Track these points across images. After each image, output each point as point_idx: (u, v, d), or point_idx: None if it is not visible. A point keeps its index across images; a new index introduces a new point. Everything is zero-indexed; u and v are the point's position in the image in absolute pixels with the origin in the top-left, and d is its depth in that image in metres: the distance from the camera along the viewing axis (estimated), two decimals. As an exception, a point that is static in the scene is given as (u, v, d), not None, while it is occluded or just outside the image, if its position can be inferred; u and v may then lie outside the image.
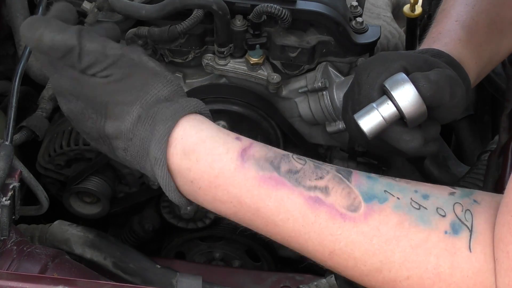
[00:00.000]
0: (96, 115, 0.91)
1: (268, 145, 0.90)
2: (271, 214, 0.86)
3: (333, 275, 1.21)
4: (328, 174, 0.86)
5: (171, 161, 0.89)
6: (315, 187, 0.85)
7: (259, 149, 0.88)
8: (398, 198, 0.84)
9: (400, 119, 0.92)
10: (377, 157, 1.31)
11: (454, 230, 0.81)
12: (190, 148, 0.88)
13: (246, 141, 0.89)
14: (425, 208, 0.83)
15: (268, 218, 0.86)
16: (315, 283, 1.24)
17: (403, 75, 0.92)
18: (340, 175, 0.86)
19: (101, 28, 0.97)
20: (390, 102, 0.91)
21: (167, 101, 0.90)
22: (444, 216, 0.82)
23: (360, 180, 0.86)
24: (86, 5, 1.28)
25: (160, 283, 1.18)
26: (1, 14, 1.40)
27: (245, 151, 0.88)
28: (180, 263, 1.42)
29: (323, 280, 1.23)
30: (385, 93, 0.93)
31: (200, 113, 0.92)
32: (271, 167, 0.86)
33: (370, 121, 0.92)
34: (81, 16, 1.35)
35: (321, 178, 0.85)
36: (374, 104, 0.92)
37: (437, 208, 0.83)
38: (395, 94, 0.90)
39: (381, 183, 0.86)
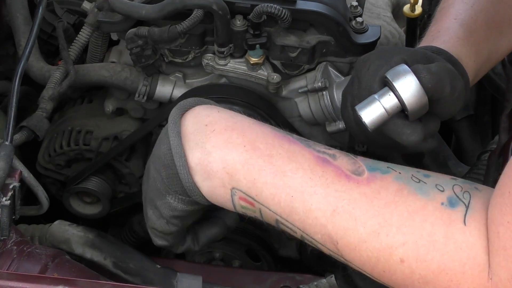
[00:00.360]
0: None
1: None
2: (282, 162, 0.89)
3: (333, 275, 1.21)
4: (335, 149, 0.93)
5: (191, 111, 0.94)
6: (324, 152, 0.91)
7: None
8: (399, 173, 0.88)
9: (401, 111, 0.92)
10: (377, 157, 1.31)
11: (451, 203, 0.84)
12: (213, 106, 0.96)
13: None
14: (425, 182, 0.87)
15: (279, 166, 0.89)
16: (315, 283, 1.24)
17: (405, 67, 0.92)
18: (346, 152, 0.92)
19: None
20: (392, 94, 0.91)
21: None
22: (442, 191, 0.85)
23: (364, 158, 0.91)
24: (86, 5, 1.28)
25: (160, 283, 1.17)
26: (1, 14, 1.40)
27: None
28: (180, 263, 1.42)
29: (323, 280, 1.23)
30: (386, 85, 0.92)
31: None
32: (284, 132, 0.93)
33: (371, 112, 0.92)
34: (81, 16, 1.36)
35: (329, 149, 0.92)
36: (375, 96, 0.92)
37: (436, 184, 0.86)
38: (397, 85, 0.90)
39: (384, 162, 0.91)
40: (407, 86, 0.90)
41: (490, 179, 1.17)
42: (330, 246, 0.88)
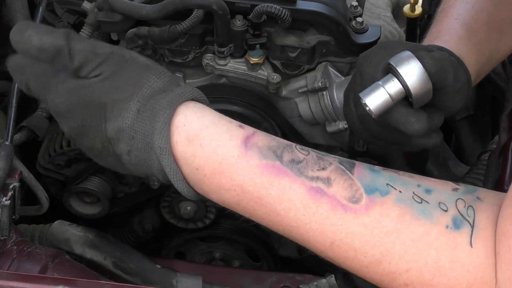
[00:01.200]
0: (97, 121, 0.91)
1: (271, 135, 0.90)
2: (273, 203, 0.86)
3: (333, 275, 1.21)
4: (331, 165, 0.87)
5: (176, 149, 0.88)
6: (317, 178, 0.85)
7: (262, 138, 0.89)
8: (400, 192, 0.84)
9: (405, 99, 0.92)
10: (377, 157, 1.32)
11: (456, 225, 0.81)
12: (194, 134, 0.88)
13: (249, 129, 0.90)
14: (427, 202, 0.83)
15: (271, 207, 0.86)
16: (315, 283, 1.24)
17: (409, 52, 0.90)
18: (342, 167, 0.87)
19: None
20: (396, 79, 0.90)
21: (163, 91, 0.90)
22: (446, 211, 0.83)
23: (363, 173, 0.86)
24: (86, 5, 1.28)
25: (160, 283, 1.17)
26: (1, 14, 1.40)
27: (248, 139, 0.88)
28: (180, 263, 1.42)
29: (323, 280, 1.23)
30: (390, 71, 0.92)
31: (198, 100, 0.92)
32: (274, 156, 0.87)
33: (376, 99, 0.90)
34: (81, 16, 1.36)
35: (323, 169, 0.86)
36: (379, 82, 0.91)
37: (439, 203, 0.83)
38: (401, 70, 0.89)
39: (383, 176, 0.86)
40: (411, 71, 0.89)
41: (490, 179, 1.17)
42: (334, 263, 0.88)
